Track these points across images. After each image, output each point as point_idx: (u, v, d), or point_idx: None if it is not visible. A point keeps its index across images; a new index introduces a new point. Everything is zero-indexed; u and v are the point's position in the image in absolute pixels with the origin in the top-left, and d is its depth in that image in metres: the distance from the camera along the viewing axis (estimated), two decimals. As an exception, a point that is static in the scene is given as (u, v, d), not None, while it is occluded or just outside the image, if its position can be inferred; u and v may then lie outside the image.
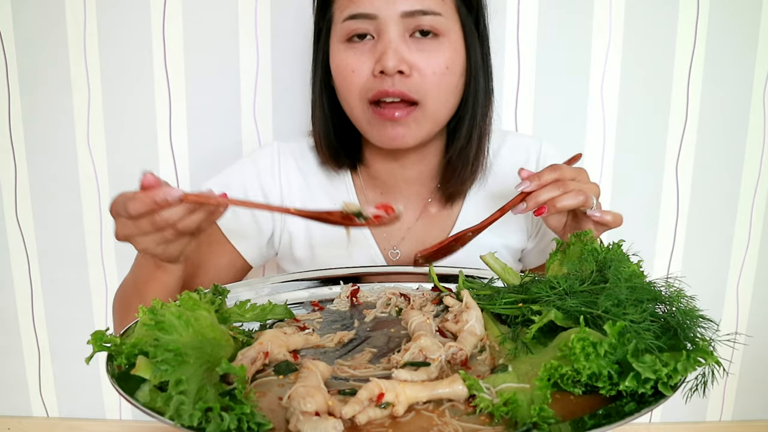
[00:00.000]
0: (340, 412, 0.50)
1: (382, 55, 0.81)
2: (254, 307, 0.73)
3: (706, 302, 0.64)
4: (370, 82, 0.83)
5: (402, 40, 0.81)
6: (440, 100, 0.85)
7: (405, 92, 0.82)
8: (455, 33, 0.84)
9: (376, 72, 0.82)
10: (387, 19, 0.80)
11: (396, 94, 0.82)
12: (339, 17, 0.84)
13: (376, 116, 0.84)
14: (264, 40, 1.26)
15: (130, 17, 1.26)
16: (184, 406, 0.46)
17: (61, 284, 1.41)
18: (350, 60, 0.83)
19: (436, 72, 0.83)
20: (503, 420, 0.51)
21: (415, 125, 0.85)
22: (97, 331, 0.57)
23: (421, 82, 0.82)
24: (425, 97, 0.83)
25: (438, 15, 0.82)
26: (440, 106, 0.85)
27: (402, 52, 0.81)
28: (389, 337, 0.70)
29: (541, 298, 0.66)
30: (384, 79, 0.81)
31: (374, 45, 0.82)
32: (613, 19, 1.26)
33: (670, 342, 0.56)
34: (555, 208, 0.76)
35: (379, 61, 0.81)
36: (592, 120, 1.31)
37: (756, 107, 1.31)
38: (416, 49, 0.82)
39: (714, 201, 1.36)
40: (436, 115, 0.86)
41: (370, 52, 0.83)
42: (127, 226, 0.67)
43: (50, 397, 1.47)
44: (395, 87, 0.81)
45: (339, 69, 0.85)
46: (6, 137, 1.32)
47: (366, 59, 0.83)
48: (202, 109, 1.30)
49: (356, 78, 0.83)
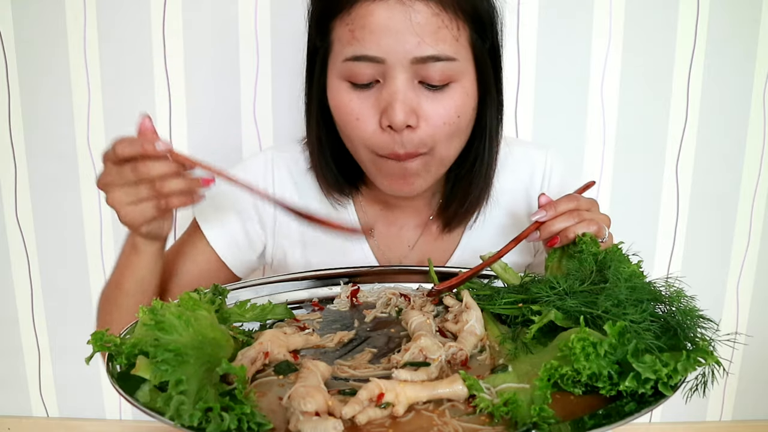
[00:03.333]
0: (340, 412, 0.50)
1: (389, 106, 0.72)
2: (254, 307, 0.73)
3: (706, 302, 0.64)
4: (377, 135, 0.75)
5: (410, 87, 0.72)
6: (450, 147, 0.79)
7: (415, 152, 0.76)
8: (468, 75, 0.76)
9: (383, 125, 0.74)
10: (395, 64, 0.71)
11: (407, 157, 0.76)
12: (339, 52, 0.74)
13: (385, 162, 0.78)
14: (264, 41, 1.26)
15: (130, 17, 1.25)
16: (185, 406, 0.46)
17: (61, 284, 1.41)
18: (353, 105, 0.75)
19: (447, 122, 0.75)
20: (503, 420, 0.51)
21: (425, 172, 0.79)
22: (97, 331, 0.57)
23: (429, 132, 0.75)
24: (434, 146, 0.77)
25: (452, 60, 0.72)
26: (449, 151, 0.80)
27: (410, 101, 0.72)
28: (389, 337, 0.70)
29: (541, 298, 0.66)
30: (392, 135, 0.74)
31: (379, 90, 0.73)
32: (613, 19, 1.26)
33: (670, 342, 0.56)
34: (567, 238, 0.72)
35: (386, 113, 0.73)
36: (592, 120, 1.31)
37: (756, 107, 1.31)
38: (425, 97, 0.74)
39: (714, 201, 1.36)
40: (445, 159, 0.81)
41: (375, 97, 0.74)
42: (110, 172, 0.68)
43: (50, 397, 1.47)
44: (406, 148, 0.74)
45: (341, 113, 0.77)
46: (6, 137, 1.32)
47: (371, 105, 0.74)
48: (202, 110, 1.30)
49: (362, 126, 0.75)
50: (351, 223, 0.88)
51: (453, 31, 0.72)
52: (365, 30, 0.70)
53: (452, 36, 0.72)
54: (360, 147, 0.78)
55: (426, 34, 0.70)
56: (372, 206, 0.95)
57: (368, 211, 0.94)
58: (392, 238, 0.95)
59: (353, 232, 0.60)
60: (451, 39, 0.72)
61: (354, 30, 0.71)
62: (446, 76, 0.73)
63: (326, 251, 0.94)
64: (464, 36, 0.74)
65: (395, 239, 0.95)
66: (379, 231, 0.94)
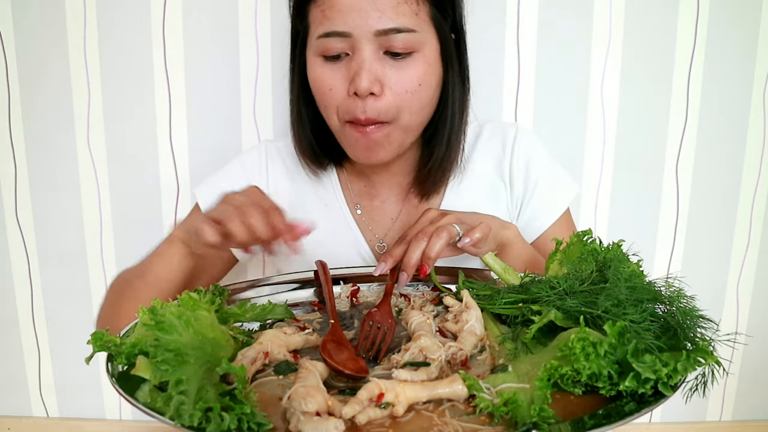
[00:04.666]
0: (340, 412, 0.50)
1: (356, 74, 0.80)
2: (254, 307, 0.73)
3: (706, 302, 0.64)
4: (345, 102, 0.83)
5: (376, 58, 0.81)
6: (413, 115, 0.85)
7: (375, 118, 0.82)
8: (430, 46, 0.84)
9: (350, 92, 0.82)
10: (360, 37, 0.80)
11: (367, 122, 0.83)
12: (314, 31, 0.83)
13: (351, 131, 0.85)
14: (264, 40, 1.26)
15: (130, 17, 1.25)
16: (185, 406, 0.46)
17: (61, 284, 1.41)
18: (327, 77, 0.83)
19: (409, 90, 0.83)
20: (503, 420, 0.51)
21: (388, 143, 0.86)
22: (97, 331, 0.57)
23: (393, 101, 0.82)
24: (398, 115, 0.84)
25: (412, 32, 0.80)
26: (413, 120, 0.86)
27: (375, 71, 0.81)
28: (389, 337, 0.70)
29: (541, 298, 0.66)
30: (356, 102, 0.82)
31: (349, 62, 0.82)
32: (613, 20, 1.26)
33: (670, 342, 0.56)
34: (431, 259, 0.75)
35: (353, 81, 0.81)
36: (592, 120, 1.31)
37: (756, 107, 1.31)
38: (389, 65, 0.82)
39: (714, 201, 1.36)
40: (409, 128, 0.87)
41: (345, 68, 0.82)
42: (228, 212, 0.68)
43: (50, 397, 1.47)
44: (366, 114, 0.82)
45: (316, 84, 0.85)
46: (6, 137, 1.32)
47: (341, 76, 0.83)
48: (202, 109, 1.30)
49: (333, 95, 0.84)
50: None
51: (412, 6, 0.81)
52: (334, 9, 0.80)
53: (411, 10, 0.81)
54: (331, 115, 0.86)
55: (386, 9, 0.79)
56: (355, 182, 1.01)
57: (352, 188, 1.01)
58: (376, 212, 1.01)
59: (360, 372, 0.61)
60: (411, 13, 0.81)
61: (325, 10, 0.81)
62: (408, 45, 0.81)
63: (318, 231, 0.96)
64: (424, 11, 0.82)
65: (379, 213, 1.01)
66: (364, 206, 1.01)
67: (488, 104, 1.29)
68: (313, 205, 1.00)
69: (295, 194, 1.00)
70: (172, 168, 1.33)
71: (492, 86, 1.28)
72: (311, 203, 1.00)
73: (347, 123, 0.85)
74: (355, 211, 1.00)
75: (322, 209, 1.00)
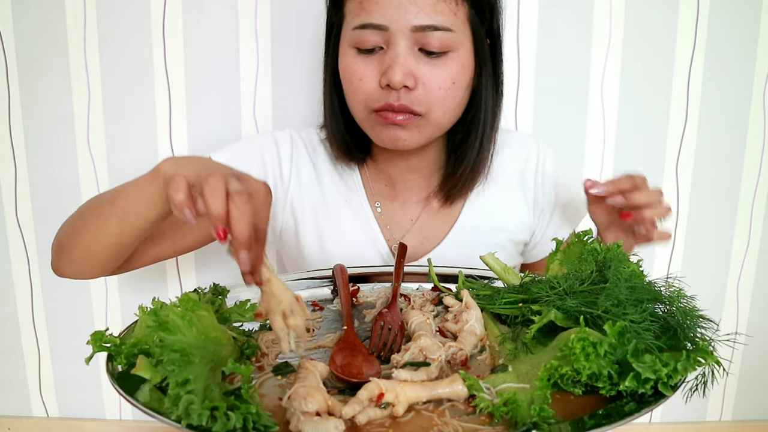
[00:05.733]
0: (340, 412, 0.50)
1: (389, 68, 0.81)
2: (254, 306, 0.73)
3: (706, 302, 0.64)
4: (376, 92, 0.83)
5: (410, 53, 0.81)
6: (444, 112, 0.86)
7: (408, 107, 0.83)
8: (465, 47, 0.84)
9: (382, 84, 0.82)
10: (397, 31, 0.80)
11: (400, 110, 0.83)
12: (350, 22, 0.84)
13: (379, 119, 0.85)
14: (264, 40, 1.26)
15: (130, 17, 1.25)
16: (194, 405, 0.46)
17: (61, 284, 1.41)
18: (358, 67, 0.84)
19: (442, 87, 0.83)
20: (503, 420, 0.51)
21: (417, 131, 0.86)
22: (96, 332, 0.57)
23: (425, 96, 0.83)
24: (429, 110, 0.84)
25: (449, 31, 0.81)
26: (443, 117, 0.87)
27: (409, 65, 0.81)
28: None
29: (541, 298, 0.66)
30: (389, 92, 0.82)
31: (383, 55, 0.83)
32: (613, 20, 1.26)
33: (670, 342, 0.57)
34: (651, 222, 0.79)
35: (386, 73, 0.81)
36: (592, 120, 1.31)
37: (756, 107, 1.31)
38: (423, 62, 0.82)
39: (714, 201, 1.36)
40: (438, 124, 0.87)
41: (378, 61, 0.83)
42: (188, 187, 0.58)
43: (50, 397, 1.47)
44: (400, 101, 0.82)
45: (347, 74, 0.86)
46: (6, 137, 1.32)
47: (374, 68, 0.83)
48: (202, 109, 1.30)
49: (363, 86, 0.84)
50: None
51: (451, 6, 0.81)
52: (371, 2, 0.81)
53: (450, 10, 0.81)
54: (359, 105, 0.86)
55: (425, 6, 0.79)
56: (377, 182, 1.01)
57: (373, 187, 1.01)
58: (396, 213, 1.00)
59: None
60: (449, 12, 0.81)
61: (363, 2, 0.82)
62: (443, 44, 0.81)
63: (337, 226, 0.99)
64: (462, 12, 0.83)
65: (399, 214, 1.00)
66: (384, 206, 1.00)
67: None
68: (334, 198, 0.99)
69: (317, 185, 0.99)
70: (172, 168, 1.32)
71: (492, 86, 1.28)
72: (332, 196, 1.00)
73: (374, 112, 0.85)
74: (375, 209, 1.00)
75: (342, 204, 0.99)
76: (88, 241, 0.77)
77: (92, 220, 0.77)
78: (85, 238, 0.78)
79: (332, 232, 0.99)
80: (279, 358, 0.65)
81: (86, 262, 0.80)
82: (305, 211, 0.99)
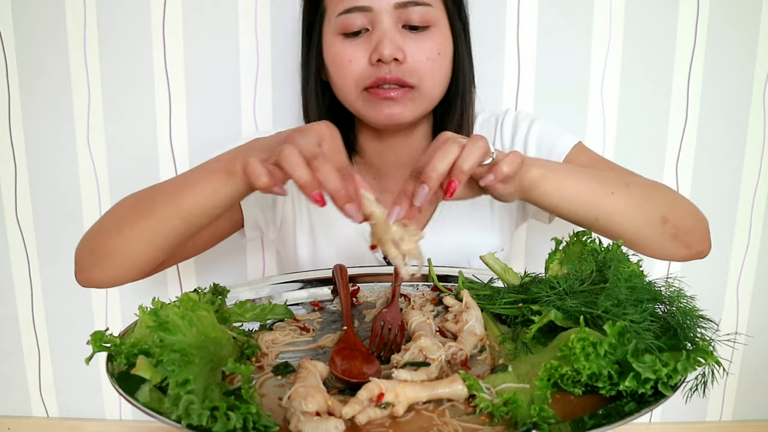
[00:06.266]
0: (340, 412, 0.50)
1: (378, 44, 0.84)
2: (254, 306, 0.73)
3: (706, 302, 0.64)
4: (367, 71, 0.86)
5: (396, 29, 0.85)
6: (434, 82, 0.89)
7: (401, 77, 0.85)
8: (443, 23, 0.89)
9: (373, 60, 0.85)
10: (381, 10, 0.84)
11: (393, 80, 0.85)
12: (333, 11, 0.87)
13: (372, 97, 0.87)
14: (264, 40, 1.26)
15: (130, 17, 1.25)
16: (194, 405, 0.46)
17: (61, 284, 1.41)
18: (347, 51, 0.87)
19: (430, 57, 0.87)
20: (503, 420, 0.51)
21: (411, 104, 0.88)
22: (96, 332, 0.57)
23: (416, 67, 0.86)
24: (420, 81, 0.87)
25: (428, 6, 0.86)
26: (434, 88, 0.90)
27: (397, 40, 0.85)
28: (389, 337, 0.70)
29: (541, 298, 0.66)
30: (380, 67, 0.85)
31: (369, 36, 0.86)
32: (613, 20, 1.26)
33: (670, 342, 0.57)
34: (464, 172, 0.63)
35: (376, 50, 0.84)
36: (592, 120, 1.31)
37: (756, 107, 1.31)
38: (409, 38, 0.86)
39: (714, 201, 1.36)
40: (430, 95, 0.90)
41: (365, 42, 0.86)
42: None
43: (50, 397, 1.47)
44: (392, 73, 0.85)
45: (335, 60, 0.88)
46: (6, 137, 1.32)
47: (362, 49, 0.86)
48: (202, 109, 1.30)
49: (353, 67, 0.86)
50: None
51: None
52: None
53: None
54: (350, 86, 0.88)
55: None
56: (365, 176, 1.01)
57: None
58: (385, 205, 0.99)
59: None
60: None
61: None
62: (425, 19, 0.86)
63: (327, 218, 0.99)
64: None
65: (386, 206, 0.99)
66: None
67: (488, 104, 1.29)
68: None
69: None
70: (172, 168, 1.32)
71: (492, 86, 1.28)
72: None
73: (365, 90, 0.87)
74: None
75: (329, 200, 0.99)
76: (136, 244, 0.75)
77: (144, 222, 0.74)
78: (133, 241, 0.75)
79: (324, 226, 1.01)
80: (279, 358, 0.65)
81: (132, 265, 0.77)
82: (302, 206, 1.02)
